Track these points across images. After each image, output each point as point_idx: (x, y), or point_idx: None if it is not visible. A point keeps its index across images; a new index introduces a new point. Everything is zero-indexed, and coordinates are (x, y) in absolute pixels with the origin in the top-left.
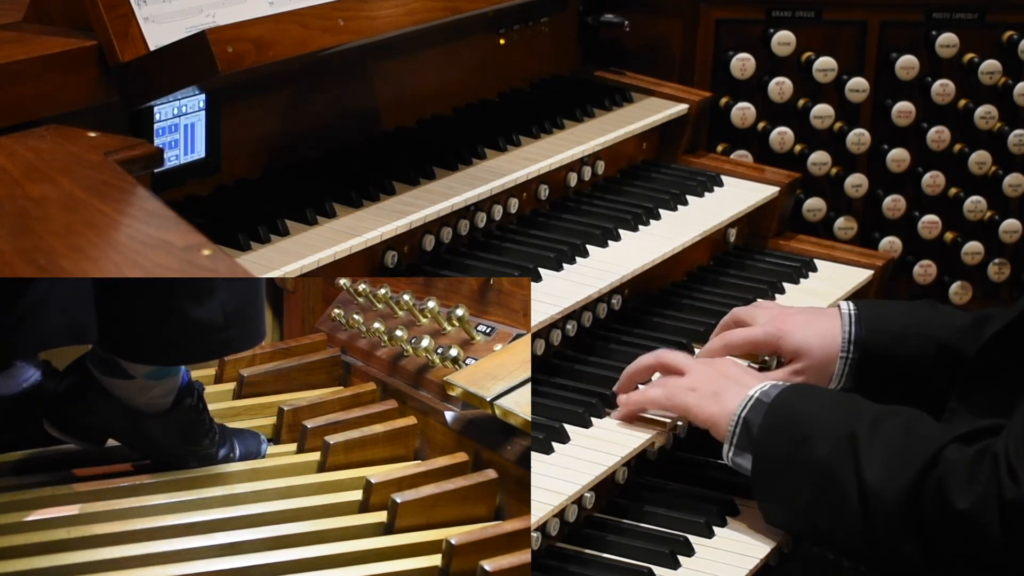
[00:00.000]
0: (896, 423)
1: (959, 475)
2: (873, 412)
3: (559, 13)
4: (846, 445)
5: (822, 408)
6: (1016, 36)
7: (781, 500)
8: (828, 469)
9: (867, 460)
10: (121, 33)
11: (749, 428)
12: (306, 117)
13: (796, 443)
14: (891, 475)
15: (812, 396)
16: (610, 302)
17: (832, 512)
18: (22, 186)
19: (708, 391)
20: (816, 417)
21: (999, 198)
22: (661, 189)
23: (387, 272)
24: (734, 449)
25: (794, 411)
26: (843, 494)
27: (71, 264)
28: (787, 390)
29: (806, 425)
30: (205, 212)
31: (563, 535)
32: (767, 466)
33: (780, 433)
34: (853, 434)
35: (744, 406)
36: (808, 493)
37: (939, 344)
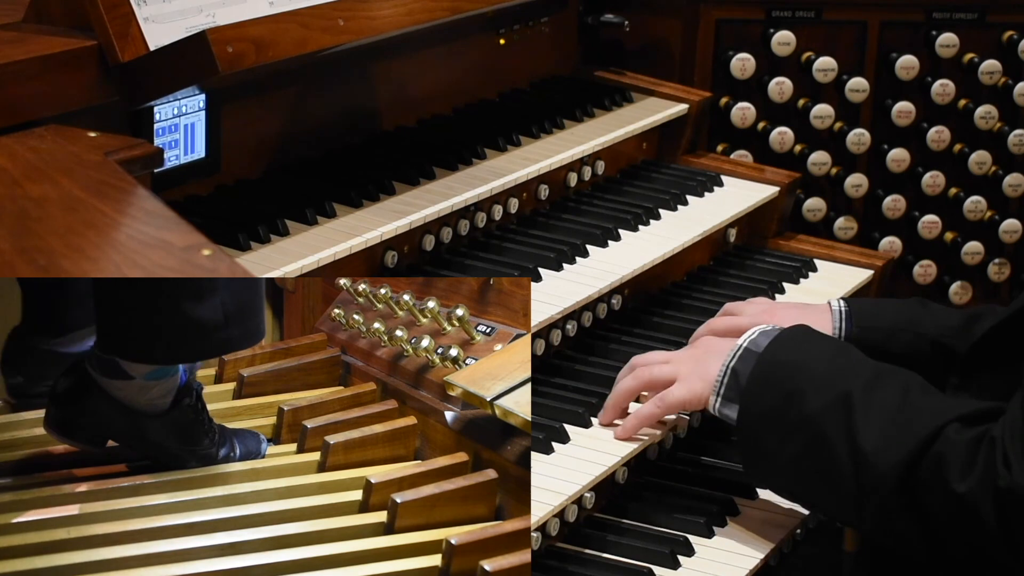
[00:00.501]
0: (894, 387)
1: (958, 457)
2: (869, 371)
3: (559, 13)
4: (840, 405)
5: (816, 359)
6: (1016, 36)
7: (767, 455)
8: (819, 427)
9: (863, 425)
10: (121, 33)
11: (737, 378)
12: (306, 117)
13: (786, 396)
14: (888, 445)
15: (805, 345)
16: (610, 302)
17: (820, 473)
18: (22, 186)
19: (691, 368)
20: (809, 369)
21: (999, 198)
22: (661, 189)
23: (387, 272)
24: (721, 399)
25: (786, 361)
26: (834, 455)
27: (71, 264)
28: (778, 338)
29: (798, 377)
30: (205, 212)
31: (563, 535)
32: (754, 417)
33: (769, 383)
34: (848, 394)
35: (733, 356)
36: (795, 448)
37: (931, 342)
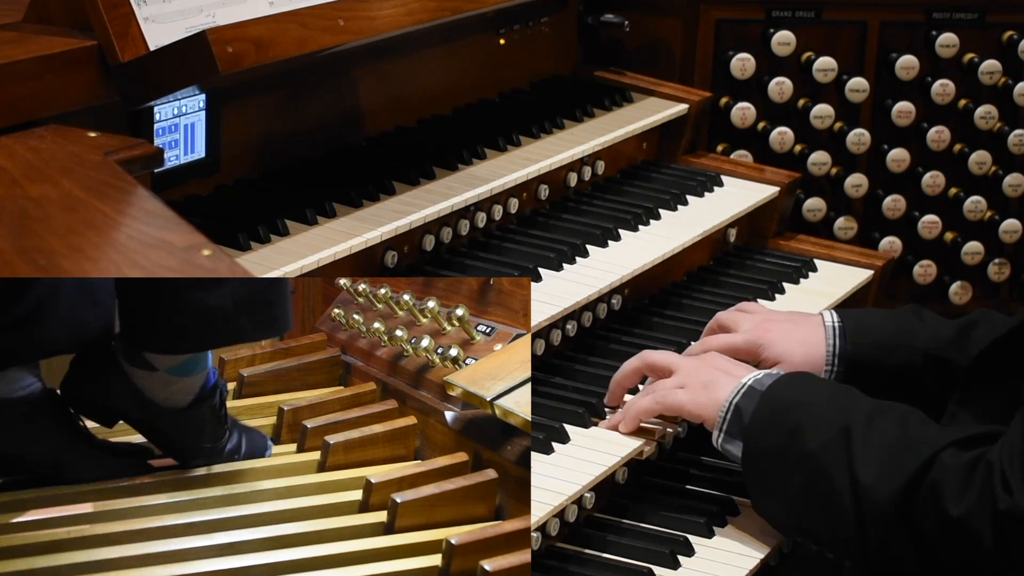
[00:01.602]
0: (892, 420)
1: (953, 481)
2: (868, 407)
3: (559, 13)
4: (840, 439)
5: (817, 398)
6: (1016, 36)
7: (771, 490)
8: (820, 462)
9: (861, 458)
10: (121, 33)
11: (740, 415)
12: (306, 117)
13: (788, 432)
14: (885, 475)
15: (807, 385)
16: (610, 302)
17: (822, 507)
18: (22, 186)
19: (698, 384)
20: (810, 407)
21: (999, 198)
22: (661, 189)
23: (387, 272)
24: (724, 435)
25: (788, 400)
26: (834, 489)
27: (71, 264)
28: (782, 379)
29: (799, 415)
30: (205, 212)
31: (563, 535)
32: (757, 454)
33: (772, 421)
34: (847, 428)
35: (737, 393)
36: (798, 484)
37: (925, 355)
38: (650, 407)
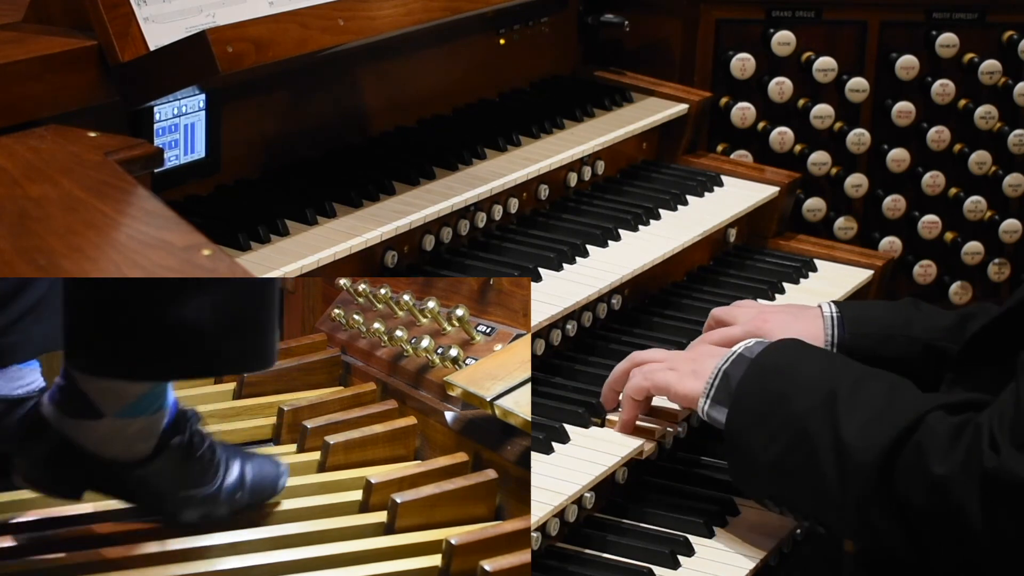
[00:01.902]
0: (879, 385)
1: (939, 441)
2: (857, 372)
3: (559, 13)
4: (825, 402)
5: (806, 364)
6: (1016, 36)
7: (752, 455)
8: (804, 424)
9: (845, 418)
10: (121, 33)
11: (728, 381)
12: (306, 117)
13: (774, 396)
14: (869, 435)
15: (797, 352)
16: (610, 302)
17: (804, 470)
18: (22, 186)
19: (687, 370)
20: (798, 372)
21: (999, 198)
22: (661, 189)
23: (387, 272)
24: (710, 402)
25: (776, 365)
26: (816, 451)
27: (71, 264)
28: (773, 345)
29: (787, 380)
30: (205, 212)
31: (563, 535)
32: (741, 418)
33: (759, 386)
34: (833, 391)
35: (726, 360)
36: (780, 448)
37: (924, 345)
38: (641, 384)
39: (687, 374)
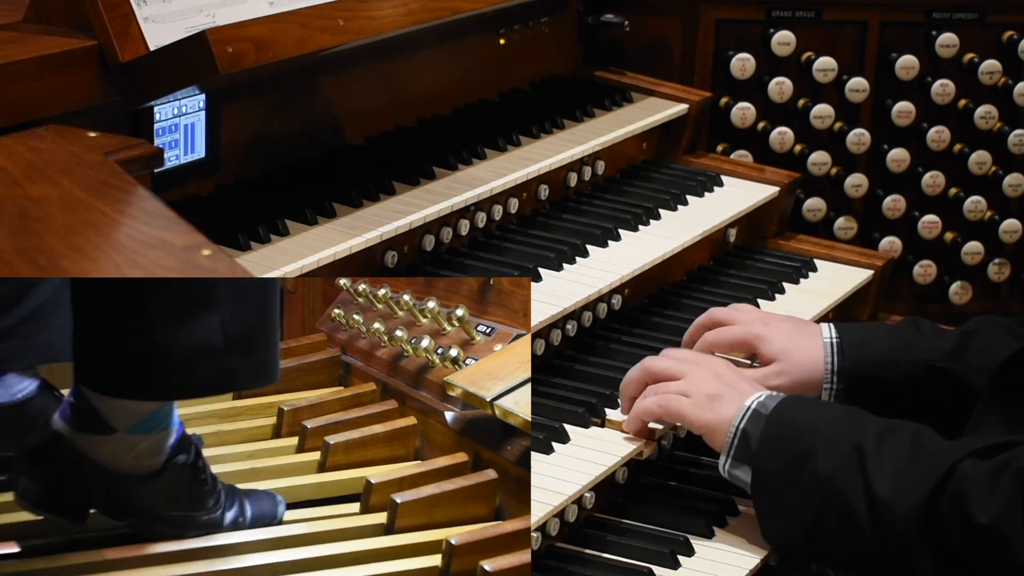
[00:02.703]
0: (903, 436)
1: (978, 489)
2: (878, 425)
3: (559, 13)
4: (852, 458)
5: (824, 420)
6: (1016, 36)
7: (783, 516)
8: (834, 484)
9: (876, 474)
10: (121, 33)
11: (747, 440)
12: (306, 117)
13: (798, 457)
14: (903, 489)
15: (812, 408)
16: (610, 302)
17: (839, 528)
18: (22, 186)
19: (703, 396)
20: (818, 430)
21: (999, 198)
22: (661, 189)
23: (387, 272)
24: (731, 461)
25: (795, 423)
26: (851, 510)
27: (71, 264)
28: (786, 401)
29: (808, 438)
30: (205, 212)
31: (563, 535)
32: (767, 480)
33: (781, 446)
34: (859, 447)
35: (742, 417)
36: (812, 509)
37: (926, 367)
38: (653, 410)
39: (702, 404)
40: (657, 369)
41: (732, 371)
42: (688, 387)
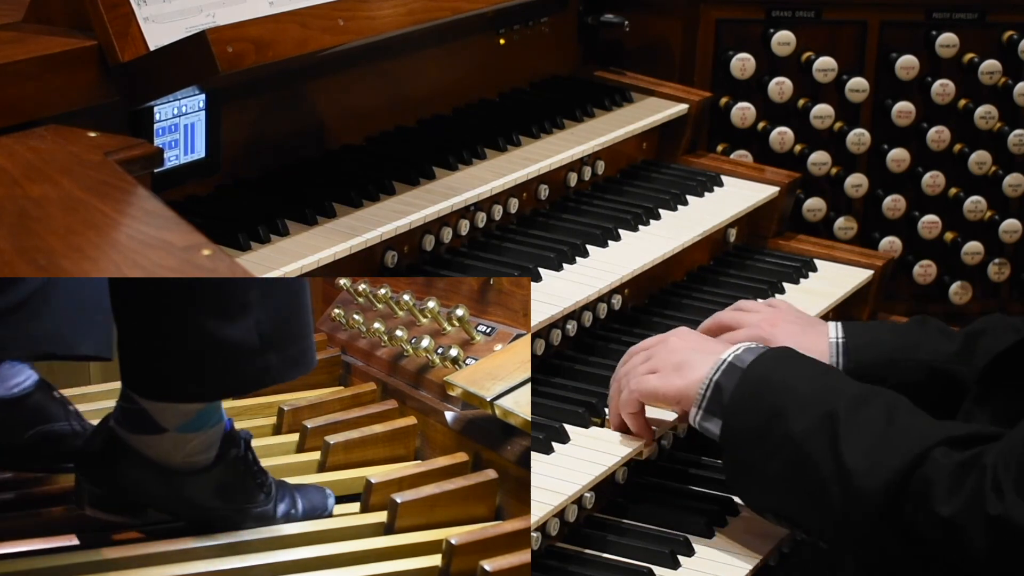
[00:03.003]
0: (879, 407)
1: (945, 480)
2: (854, 390)
3: (559, 13)
4: (825, 423)
5: (800, 379)
6: (1016, 36)
7: (749, 471)
8: (804, 446)
9: (848, 444)
10: (121, 33)
11: (720, 392)
12: (306, 117)
13: (769, 414)
14: (874, 464)
15: (789, 364)
16: (610, 302)
17: (805, 491)
18: (22, 186)
19: (670, 367)
20: (794, 388)
21: (999, 198)
22: (661, 189)
23: (387, 272)
24: (702, 412)
25: (770, 380)
26: (819, 475)
27: (71, 264)
28: (763, 356)
29: (782, 395)
30: (205, 212)
31: (563, 535)
32: (737, 434)
33: (754, 402)
34: (833, 412)
35: (717, 369)
36: (779, 467)
37: (931, 368)
38: (628, 399)
39: (670, 372)
40: (623, 368)
41: (701, 337)
42: (655, 363)
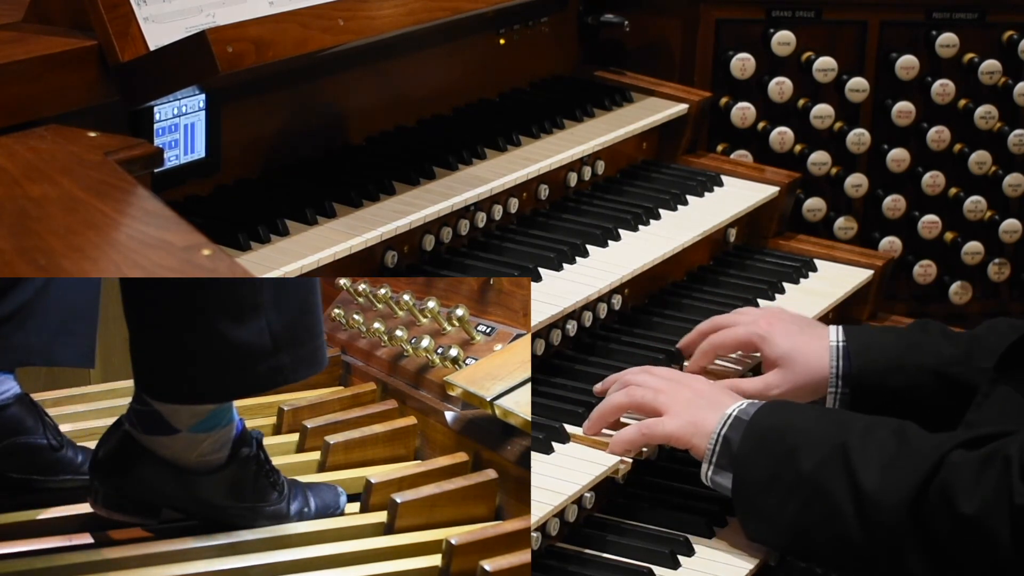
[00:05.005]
0: (887, 432)
1: (965, 478)
2: (862, 422)
3: (559, 13)
4: (837, 455)
5: (806, 420)
6: (1016, 36)
7: (765, 517)
8: (817, 481)
9: (862, 468)
10: (121, 33)
11: (729, 446)
12: (306, 117)
13: (780, 458)
14: (890, 482)
15: (793, 409)
16: (610, 302)
17: (825, 526)
18: (22, 186)
19: (685, 415)
20: (801, 430)
21: (999, 198)
22: (661, 189)
23: (387, 272)
24: (713, 468)
25: (777, 425)
26: (836, 506)
27: (71, 264)
28: (766, 406)
29: (790, 438)
30: (205, 212)
31: (563, 535)
32: (749, 483)
33: (763, 448)
34: (843, 444)
35: (723, 424)
36: (795, 508)
37: (933, 373)
38: (637, 439)
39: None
40: (642, 401)
41: (711, 387)
42: (668, 402)
